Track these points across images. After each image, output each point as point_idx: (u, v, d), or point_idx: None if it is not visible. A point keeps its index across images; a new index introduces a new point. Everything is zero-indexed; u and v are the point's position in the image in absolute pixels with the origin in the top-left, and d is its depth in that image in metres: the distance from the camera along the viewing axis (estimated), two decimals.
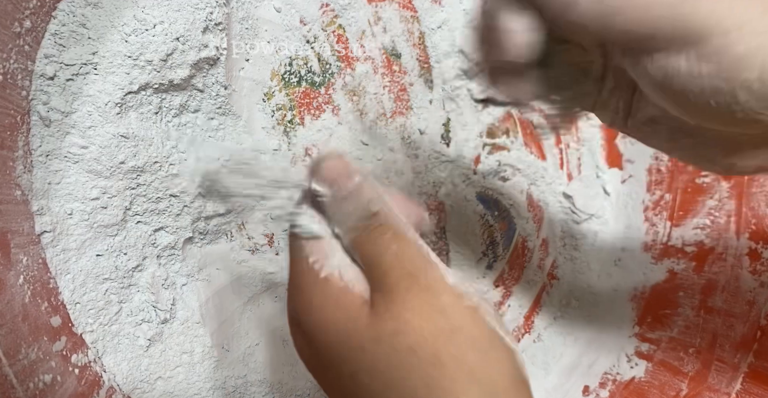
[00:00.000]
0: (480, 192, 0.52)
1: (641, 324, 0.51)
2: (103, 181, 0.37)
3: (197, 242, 0.43)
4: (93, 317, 0.36)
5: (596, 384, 0.51)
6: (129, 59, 0.36)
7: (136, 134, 0.37)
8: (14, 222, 0.32)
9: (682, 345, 0.48)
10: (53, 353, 0.32)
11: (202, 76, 0.40)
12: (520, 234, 0.54)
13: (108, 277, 0.37)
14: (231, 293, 0.44)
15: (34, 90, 0.34)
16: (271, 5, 0.44)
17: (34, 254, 0.34)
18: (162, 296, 0.40)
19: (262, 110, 0.44)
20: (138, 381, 0.37)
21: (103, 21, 0.36)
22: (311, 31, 0.46)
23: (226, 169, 0.26)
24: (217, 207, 0.43)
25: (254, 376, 0.44)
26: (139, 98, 0.37)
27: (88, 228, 0.36)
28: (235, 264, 0.45)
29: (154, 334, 0.39)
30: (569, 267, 0.55)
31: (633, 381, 0.50)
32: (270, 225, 0.45)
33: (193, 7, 0.38)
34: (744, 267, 0.45)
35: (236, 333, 0.44)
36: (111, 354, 0.37)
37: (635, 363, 0.50)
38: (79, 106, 0.36)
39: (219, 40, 0.40)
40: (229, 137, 0.43)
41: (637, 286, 0.53)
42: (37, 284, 0.33)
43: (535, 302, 0.55)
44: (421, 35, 0.49)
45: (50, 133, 0.35)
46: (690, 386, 0.46)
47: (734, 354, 0.44)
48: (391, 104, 0.49)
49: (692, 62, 0.22)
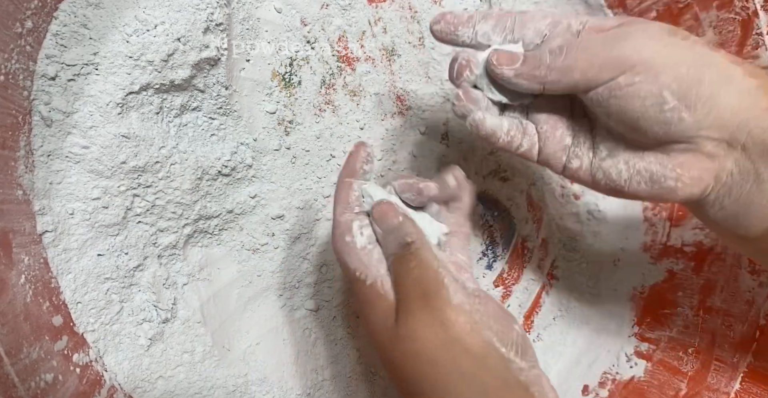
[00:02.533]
0: (480, 192, 0.52)
1: (640, 324, 0.51)
2: (105, 181, 0.37)
3: (198, 242, 0.43)
4: (94, 316, 0.36)
5: (596, 383, 0.51)
6: (130, 59, 0.36)
7: (137, 134, 0.37)
8: (16, 221, 0.32)
9: (681, 344, 0.48)
10: (55, 352, 0.33)
11: (203, 77, 0.40)
12: (520, 234, 0.54)
13: (109, 277, 0.37)
14: (231, 292, 0.44)
15: (36, 90, 0.34)
16: (272, 6, 0.44)
17: (35, 254, 0.34)
18: (163, 295, 0.40)
19: (263, 110, 0.44)
20: (139, 380, 0.38)
21: (104, 21, 0.36)
22: (312, 32, 0.46)
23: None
24: (218, 208, 0.43)
25: (255, 375, 0.44)
26: (140, 98, 0.37)
27: (90, 227, 0.37)
28: (236, 264, 0.45)
29: (155, 334, 0.39)
30: (569, 267, 0.55)
31: (632, 381, 0.50)
32: (270, 224, 0.45)
33: (194, 8, 0.38)
34: (743, 267, 0.45)
35: (237, 333, 0.44)
36: (112, 354, 0.37)
37: (634, 362, 0.50)
38: (80, 106, 0.36)
39: (220, 41, 0.40)
40: (229, 137, 0.43)
41: (636, 286, 0.53)
42: (38, 283, 0.33)
43: (535, 302, 0.55)
44: (421, 35, 0.49)
45: (52, 133, 0.35)
46: (689, 385, 0.46)
47: (733, 354, 0.44)
48: (391, 104, 0.49)
49: (628, 80, 0.31)
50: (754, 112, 0.30)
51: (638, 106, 0.31)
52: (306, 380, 0.46)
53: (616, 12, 0.49)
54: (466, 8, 0.51)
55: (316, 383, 0.46)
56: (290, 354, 0.46)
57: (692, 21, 0.44)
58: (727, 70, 0.31)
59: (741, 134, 0.30)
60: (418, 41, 0.49)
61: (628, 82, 0.31)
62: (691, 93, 0.30)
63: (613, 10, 0.49)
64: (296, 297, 0.46)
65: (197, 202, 0.41)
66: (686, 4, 0.44)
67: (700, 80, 0.30)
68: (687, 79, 0.30)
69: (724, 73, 0.31)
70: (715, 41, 0.44)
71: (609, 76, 0.32)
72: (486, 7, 0.51)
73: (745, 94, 0.30)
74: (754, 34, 0.41)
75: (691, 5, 0.44)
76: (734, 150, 0.31)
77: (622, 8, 0.49)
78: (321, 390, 0.46)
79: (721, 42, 0.43)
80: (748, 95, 0.30)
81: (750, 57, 0.42)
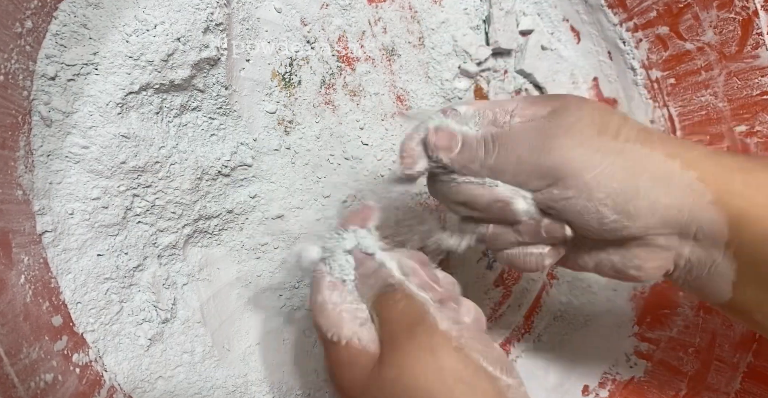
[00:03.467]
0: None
1: (641, 324, 0.51)
2: (104, 181, 0.37)
3: (198, 242, 0.43)
4: (94, 316, 0.36)
5: (596, 383, 0.51)
6: (130, 59, 0.36)
7: (137, 134, 0.37)
8: (15, 221, 0.32)
9: (681, 344, 0.48)
10: (54, 352, 0.33)
11: (203, 77, 0.40)
12: None
13: (109, 277, 0.37)
14: (231, 293, 0.44)
15: (36, 90, 0.34)
16: (272, 6, 0.44)
17: (35, 254, 0.34)
18: (163, 296, 0.40)
19: (263, 110, 0.44)
20: (139, 380, 0.38)
21: (104, 21, 0.36)
22: (312, 32, 0.46)
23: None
24: (218, 208, 0.43)
25: (255, 375, 0.44)
26: (140, 98, 0.37)
27: (89, 227, 0.37)
28: (236, 264, 0.45)
29: (154, 334, 0.39)
30: None
31: (632, 381, 0.50)
32: (270, 224, 0.45)
33: (193, 8, 0.38)
34: None
35: (237, 333, 0.44)
36: (112, 354, 0.37)
37: (635, 362, 0.50)
38: (80, 106, 0.36)
39: (220, 41, 0.40)
40: (229, 137, 0.43)
41: (636, 286, 0.53)
42: (38, 284, 0.33)
43: (535, 302, 0.55)
44: (421, 35, 0.49)
45: (51, 133, 0.35)
46: (689, 385, 0.46)
47: (733, 354, 0.44)
48: (391, 104, 0.49)
49: (561, 190, 0.31)
50: (699, 206, 0.29)
51: (579, 219, 0.31)
52: (306, 380, 0.46)
53: (615, 12, 0.49)
54: (466, 8, 0.51)
55: (316, 383, 0.46)
56: (290, 355, 0.46)
57: (692, 21, 0.44)
58: (663, 168, 0.30)
59: (691, 228, 0.30)
60: (418, 41, 0.49)
61: (562, 196, 0.31)
62: (628, 206, 0.30)
63: (613, 10, 0.49)
64: (296, 297, 0.46)
65: (197, 202, 0.41)
66: (686, 3, 0.44)
67: (635, 192, 0.29)
68: (621, 193, 0.29)
69: (661, 174, 0.30)
70: (715, 41, 0.44)
71: (541, 184, 0.31)
72: (486, 6, 0.51)
73: (687, 191, 0.30)
74: (754, 34, 0.41)
75: (691, 5, 0.44)
76: (687, 240, 0.31)
77: (622, 8, 0.49)
78: (321, 390, 0.46)
79: (721, 42, 0.43)
80: (691, 191, 0.30)
81: (750, 57, 0.42)
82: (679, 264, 0.32)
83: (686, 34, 0.45)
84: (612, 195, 0.30)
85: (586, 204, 0.30)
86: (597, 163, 0.30)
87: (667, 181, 0.30)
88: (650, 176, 0.30)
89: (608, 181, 0.30)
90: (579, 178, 0.30)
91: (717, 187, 0.29)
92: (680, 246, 0.31)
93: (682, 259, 0.32)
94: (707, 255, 0.31)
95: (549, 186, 0.31)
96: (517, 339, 0.55)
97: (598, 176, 0.30)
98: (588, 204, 0.30)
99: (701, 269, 0.32)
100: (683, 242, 0.31)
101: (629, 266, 0.33)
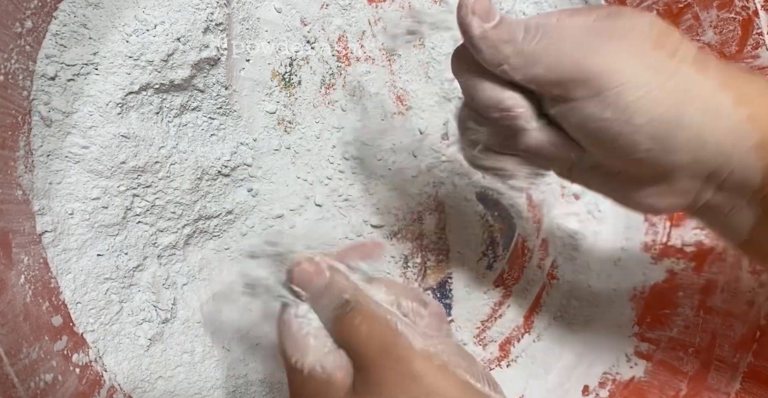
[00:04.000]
0: (480, 192, 0.52)
1: (641, 324, 0.51)
2: (104, 181, 0.37)
3: (198, 242, 0.43)
4: (94, 317, 0.36)
5: (596, 383, 0.51)
6: (130, 59, 0.36)
7: (137, 134, 0.37)
8: (15, 221, 0.32)
9: (681, 344, 0.48)
10: (54, 352, 0.33)
11: (203, 77, 0.40)
12: (520, 234, 0.54)
13: (109, 277, 0.37)
14: (231, 292, 0.44)
15: (36, 90, 0.34)
16: (272, 6, 0.44)
17: (35, 254, 0.34)
18: (163, 296, 0.40)
19: (263, 110, 0.44)
20: (139, 380, 0.37)
21: (104, 21, 0.36)
22: (312, 32, 0.46)
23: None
24: (218, 208, 0.43)
25: (255, 376, 0.44)
26: (140, 98, 0.37)
27: (89, 228, 0.37)
28: (236, 264, 0.45)
29: (154, 334, 0.39)
30: (569, 267, 0.55)
31: (633, 381, 0.50)
32: (270, 224, 0.45)
33: (193, 8, 0.38)
34: (743, 268, 0.45)
35: (237, 333, 0.44)
36: (112, 354, 0.37)
37: (635, 362, 0.50)
38: (80, 106, 0.36)
39: (220, 41, 0.40)
40: (229, 137, 0.43)
41: (636, 286, 0.53)
42: (38, 284, 0.33)
43: (535, 302, 0.55)
44: (421, 35, 0.49)
45: (51, 133, 0.35)
46: (689, 386, 0.46)
47: (734, 354, 0.44)
48: (391, 104, 0.49)
49: (597, 108, 0.26)
50: (739, 149, 0.26)
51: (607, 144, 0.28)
52: None
53: None
54: None
55: None
56: None
57: (692, 21, 0.44)
58: (714, 100, 0.26)
59: (722, 173, 0.27)
60: (418, 41, 0.49)
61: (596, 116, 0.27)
62: (669, 137, 0.26)
63: None
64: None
65: (197, 202, 0.41)
66: (686, 3, 0.44)
67: (678, 123, 0.26)
68: (665, 122, 0.26)
69: (711, 106, 0.26)
70: (715, 41, 0.44)
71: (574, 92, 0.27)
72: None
73: (732, 130, 0.26)
74: (754, 34, 0.41)
75: (691, 5, 0.44)
76: (711, 185, 0.28)
77: None
78: None
79: (722, 42, 0.43)
80: (736, 130, 0.26)
81: (750, 57, 0.42)
82: (696, 204, 0.29)
83: (686, 34, 0.45)
84: (653, 121, 0.26)
85: (622, 128, 0.26)
86: (646, 81, 0.26)
87: (715, 116, 0.26)
88: (699, 107, 0.26)
89: (653, 105, 0.26)
90: (622, 96, 0.26)
91: (766, 130, 0.26)
92: (702, 190, 0.29)
93: (700, 201, 0.29)
94: (728, 200, 0.28)
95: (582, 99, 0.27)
96: (517, 339, 0.55)
97: (644, 98, 0.26)
98: (624, 128, 0.26)
99: (719, 211, 0.29)
100: (706, 186, 0.28)
101: (642, 202, 0.30)
